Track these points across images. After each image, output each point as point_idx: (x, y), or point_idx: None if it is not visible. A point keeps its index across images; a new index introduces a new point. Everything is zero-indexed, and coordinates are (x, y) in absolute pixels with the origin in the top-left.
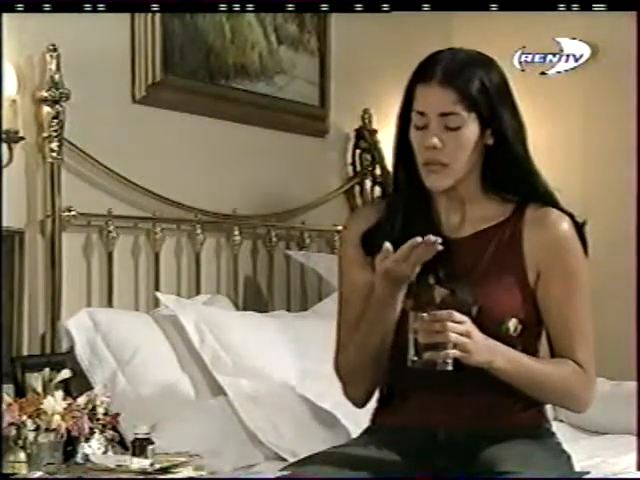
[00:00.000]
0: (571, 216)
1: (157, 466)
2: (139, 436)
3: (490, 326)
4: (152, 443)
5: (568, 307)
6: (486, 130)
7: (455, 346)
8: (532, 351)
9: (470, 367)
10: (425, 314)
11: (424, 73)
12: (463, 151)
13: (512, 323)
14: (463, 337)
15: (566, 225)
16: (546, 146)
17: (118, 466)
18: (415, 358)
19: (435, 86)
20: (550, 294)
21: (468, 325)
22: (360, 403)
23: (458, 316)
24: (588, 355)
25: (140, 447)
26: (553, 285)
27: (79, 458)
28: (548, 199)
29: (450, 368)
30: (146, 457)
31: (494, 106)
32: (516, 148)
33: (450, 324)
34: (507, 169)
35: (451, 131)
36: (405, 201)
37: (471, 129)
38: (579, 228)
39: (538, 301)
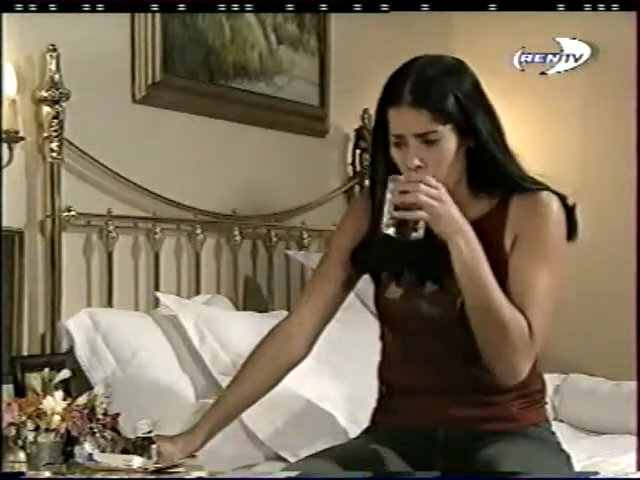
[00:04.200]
0: (562, 198)
1: (158, 465)
2: (141, 434)
3: None
4: (154, 442)
5: (530, 269)
6: (465, 136)
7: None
8: None
9: (469, 367)
10: (401, 177)
11: (393, 96)
12: (445, 162)
13: None
14: (434, 200)
15: (552, 201)
16: (546, 146)
17: (125, 465)
18: (390, 222)
19: (406, 108)
20: (517, 255)
21: (442, 192)
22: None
23: (432, 181)
24: (538, 324)
25: (142, 446)
26: (522, 247)
27: (79, 458)
28: (537, 185)
29: (421, 235)
30: (149, 457)
31: (469, 115)
32: (494, 149)
33: (422, 186)
34: (490, 169)
35: (431, 145)
36: None
37: (450, 140)
38: (569, 210)
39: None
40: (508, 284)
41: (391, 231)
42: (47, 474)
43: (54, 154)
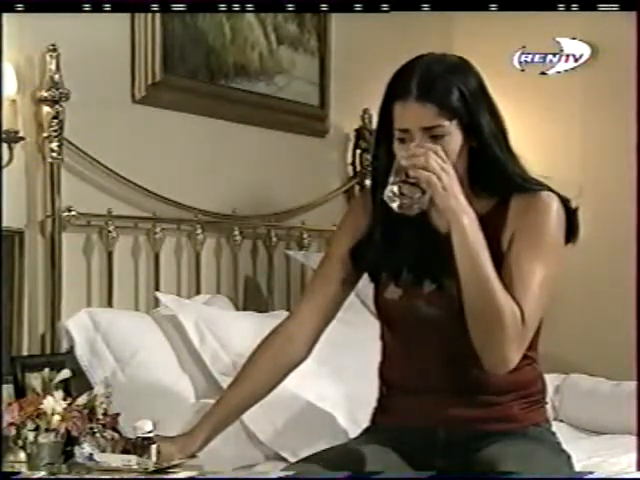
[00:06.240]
0: (564, 200)
1: (158, 466)
2: (141, 434)
3: None
4: (154, 442)
5: (524, 261)
6: (469, 135)
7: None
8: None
9: (469, 367)
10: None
11: (400, 90)
12: (449, 159)
13: None
14: (443, 172)
15: (552, 201)
16: (546, 145)
17: (125, 465)
18: (395, 187)
19: (413, 102)
20: (512, 248)
21: (451, 170)
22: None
23: (442, 154)
24: (530, 315)
25: (142, 446)
26: (519, 240)
27: (79, 458)
28: (538, 186)
29: (424, 205)
30: (149, 457)
31: (474, 112)
32: (496, 149)
33: (433, 154)
34: (491, 169)
35: (436, 140)
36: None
37: (455, 137)
38: (570, 212)
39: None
40: (502, 275)
41: (393, 198)
42: (46, 474)
43: (54, 154)
